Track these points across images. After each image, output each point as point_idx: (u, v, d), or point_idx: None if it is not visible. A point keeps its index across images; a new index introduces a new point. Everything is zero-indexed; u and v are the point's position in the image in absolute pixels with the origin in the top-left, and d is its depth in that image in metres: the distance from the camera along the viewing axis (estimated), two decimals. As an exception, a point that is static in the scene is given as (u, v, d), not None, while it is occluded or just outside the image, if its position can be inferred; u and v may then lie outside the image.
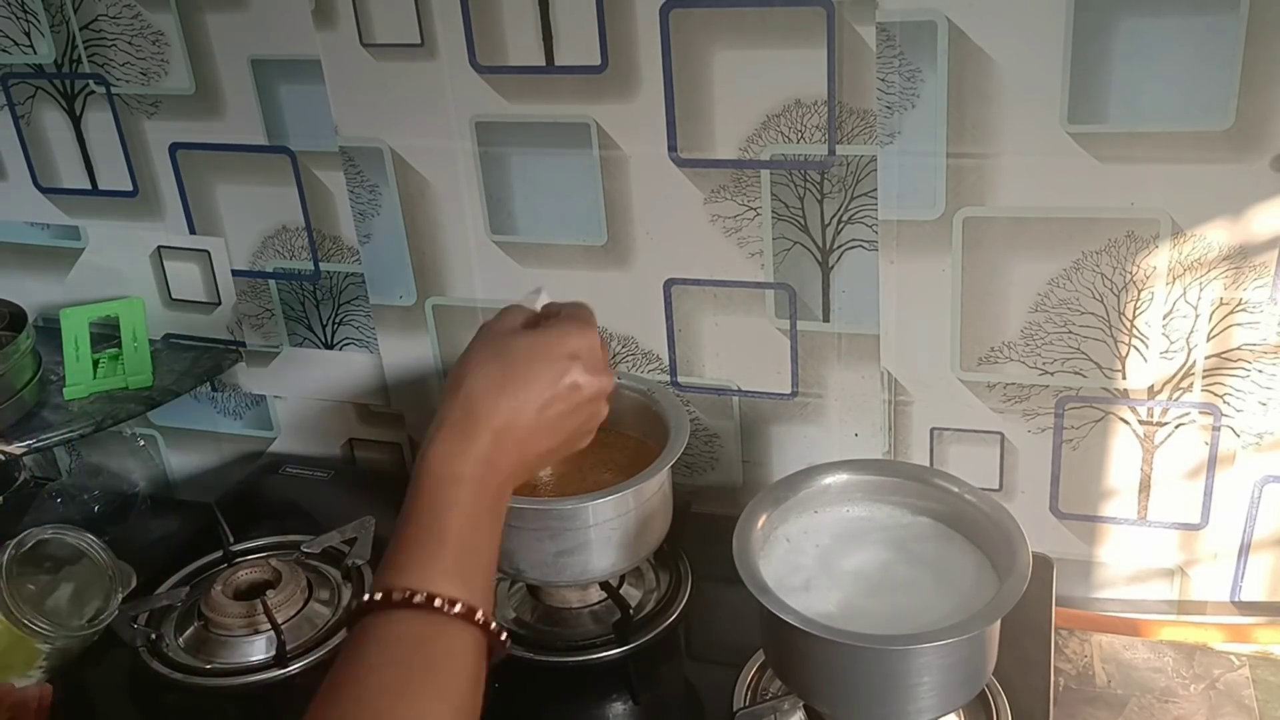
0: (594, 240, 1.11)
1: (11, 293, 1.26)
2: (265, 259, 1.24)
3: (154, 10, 1.14)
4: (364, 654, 0.65)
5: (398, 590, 0.66)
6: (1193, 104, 0.89)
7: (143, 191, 1.24)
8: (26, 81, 1.22)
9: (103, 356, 1.25)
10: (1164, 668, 1.02)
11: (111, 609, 1.02)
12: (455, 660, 0.66)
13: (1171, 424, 1.01)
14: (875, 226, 1.01)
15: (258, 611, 1.03)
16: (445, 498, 0.71)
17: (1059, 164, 0.94)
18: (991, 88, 0.93)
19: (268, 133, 1.16)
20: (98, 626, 1.01)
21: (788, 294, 1.07)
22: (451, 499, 0.71)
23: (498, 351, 0.76)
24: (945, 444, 1.09)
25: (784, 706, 0.89)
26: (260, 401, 1.34)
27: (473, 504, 0.71)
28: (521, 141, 1.08)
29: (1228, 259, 0.94)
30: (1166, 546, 1.07)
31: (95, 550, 1.04)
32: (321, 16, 1.09)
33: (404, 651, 0.65)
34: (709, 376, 1.14)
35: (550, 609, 1.06)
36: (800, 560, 0.90)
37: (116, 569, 1.04)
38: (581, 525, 0.96)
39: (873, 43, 0.95)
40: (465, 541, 0.70)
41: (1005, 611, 0.80)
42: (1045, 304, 1.00)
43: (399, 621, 0.65)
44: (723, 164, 1.03)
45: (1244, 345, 0.97)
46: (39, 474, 1.40)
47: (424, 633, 0.66)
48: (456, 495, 0.71)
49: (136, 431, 1.39)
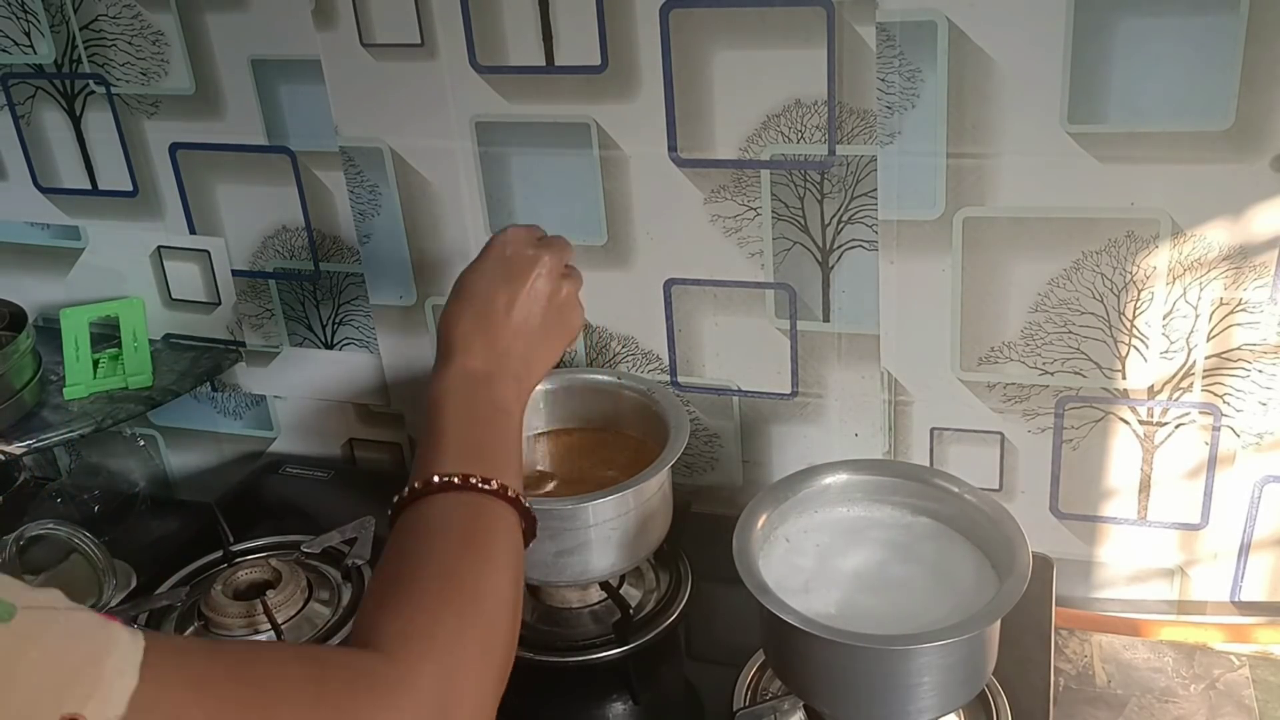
0: (594, 240, 1.11)
1: (11, 293, 1.26)
2: (265, 259, 1.24)
3: (154, 10, 1.14)
4: (419, 530, 0.69)
5: (440, 475, 0.71)
6: (1193, 104, 0.89)
7: (143, 191, 1.24)
8: (26, 81, 1.22)
9: (103, 356, 1.25)
10: (1164, 668, 1.02)
11: (104, 604, 1.01)
12: (501, 533, 0.71)
13: (1171, 424, 1.01)
14: (875, 226, 1.01)
15: (258, 611, 1.03)
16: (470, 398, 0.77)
17: (1059, 164, 0.94)
18: (991, 88, 0.93)
19: (268, 133, 1.16)
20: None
21: (788, 294, 1.07)
22: (474, 397, 0.77)
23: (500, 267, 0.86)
24: (945, 444, 1.09)
25: (784, 706, 0.89)
26: (260, 401, 1.34)
27: (492, 398, 0.78)
28: (521, 141, 1.08)
29: (1228, 259, 0.94)
30: (1166, 546, 1.07)
31: (89, 546, 1.04)
32: (321, 16, 1.09)
33: (456, 523, 0.70)
34: (709, 376, 1.14)
35: (550, 609, 1.06)
36: (800, 560, 0.90)
37: (110, 565, 1.04)
38: (581, 525, 0.96)
39: (873, 43, 0.95)
40: (491, 433, 0.76)
41: (1005, 611, 0.80)
42: (1045, 304, 1.00)
43: (443, 502, 0.70)
44: (723, 164, 1.03)
45: (1244, 345, 0.97)
46: (39, 474, 1.40)
47: (469, 510, 0.71)
48: (479, 393, 0.78)
49: (136, 431, 1.39)
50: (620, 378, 1.10)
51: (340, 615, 1.07)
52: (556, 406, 1.11)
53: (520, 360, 0.82)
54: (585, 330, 1.16)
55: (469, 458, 0.73)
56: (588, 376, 1.12)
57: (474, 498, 0.71)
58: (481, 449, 0.75)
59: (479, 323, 0.82)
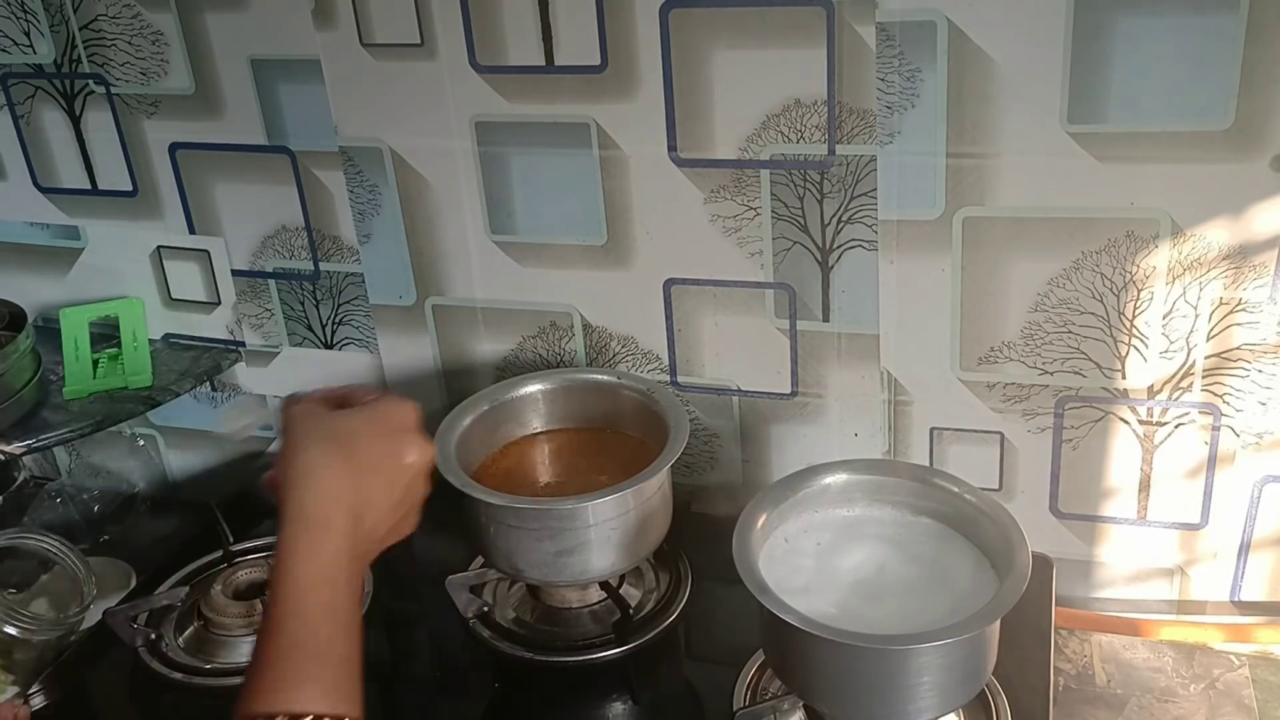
0: (594, 240, 1.11)
1: (11, 293, 1.26)
2: (265, 259, 1.24)
3: (154, 10, 1.14)
4: None
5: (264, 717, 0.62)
6: (1193, 104, 0.89)
7: (142, 191, 1.24)
8: (26, 81, 1.22)
9: (102, 356, 1.25)
10: (1164, 668, 1.02)
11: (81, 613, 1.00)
12: None
13: (1171, 424, 1.01)
14: (875, 226, 1.01)
15: (257, 611, 1.03)
16: (312, 603, 0.67)
17: (1059, 164, 0.94)
18: (991, 88, 0.93)
19: (268, 133, 1.16)
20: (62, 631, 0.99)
21: (788, 294, 1.07)
22: (319, 603, 0.67)
23: (332, 434, 0.74)
24: (945, 444, 1.09)
25: (784, 706, 0.89)
26: (261, 401, 1.34)
27: (343, 604, 0.68)
28: (521, 141, 1.08)
29: (1228, 259, 0.94)
30: (1166, 546, 1.07)
31: (62, 555, 1.02)
32: (321, 16, 1.09)
33: None
34: (709, 376, 1.14)
35: (550, 609, 1.06)
36: (800, 560, 0.90)
37: (87, 571, 1.03)
38: (581, 525, 0.96)
39: (873, 43, 0.95)
40: (339, 649, 0.67)
41: (1005, 611, 0.80)
42: (1045, 304, 1.00)
43: None
44: (723, 164, 1.03)
45: (1244, 345, 0.97)
46: (39, 474, 1.40)
47: None
48: (324, 599, 0.67)
49: (136, 431, 1.39)
50: (620, 377, 1.10)
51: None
52: (556, 406, 1.11)
53: (370, 556, 0.74)
54: (586, 330, 1.16)
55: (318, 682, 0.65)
56: (587, 376, 1.12)
57: None
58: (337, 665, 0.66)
59: (366, 505, 0.73)
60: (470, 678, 1.04)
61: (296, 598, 0.67)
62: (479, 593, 1.06)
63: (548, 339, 1.18)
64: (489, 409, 1.08)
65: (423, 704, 1.02)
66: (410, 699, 1.04)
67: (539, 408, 1.11)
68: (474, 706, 1.01)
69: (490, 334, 1.20)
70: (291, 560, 0.68)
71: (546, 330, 1.17)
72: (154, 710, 1.03)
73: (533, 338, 1.18)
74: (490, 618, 1.05)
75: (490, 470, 1.07)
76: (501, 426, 1.09)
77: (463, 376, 1.23)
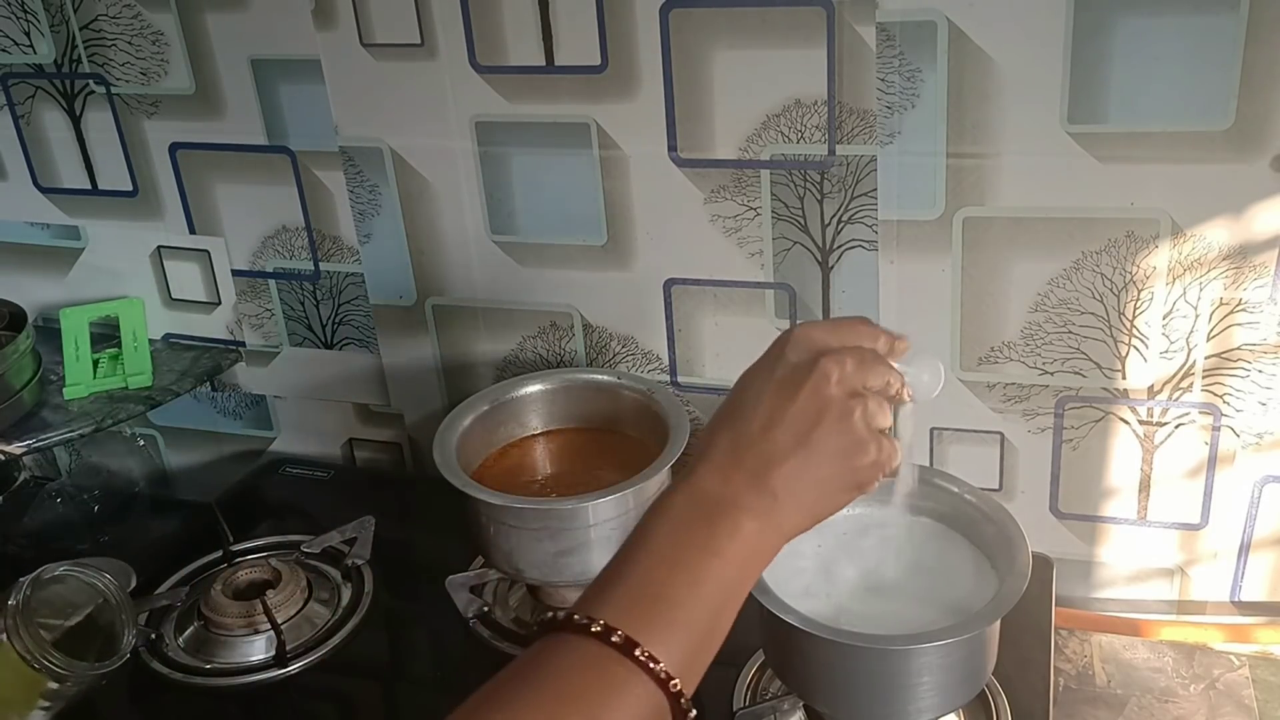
0: (594, 240, 1.11)
1: (11, 293, 1.26)
2: (265, 259, 1.24)
3: (154, 10, 1.14)
4: (528, 675, 0.57)
5: (587, 618, 0.57)
6: (1192, 104, 0.89)
7: (143, 191, 1.24)
8: (26, 81, 1.22)
9: (103, 356, 1.25)
10: (1164, 668, 1.02)
11: (124, 651, 0.98)
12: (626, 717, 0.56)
13: (1171, 424, 1.01)
14: (875, 226, 1.01)
15: (257, 611, 1.03)
16: (684, 528, 0.60)
17: (1059, 164, 0.94)
18: (991, 88, 0.93)
19: (268, 133, 1.16)
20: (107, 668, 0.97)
21: (788, 294, 1.07)
22: (690, 530, 0.60)
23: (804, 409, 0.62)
24: (945, 444, 1.09)
25: (784, 706, 0.89)
26: (260, 401, 1.34)
27: (710, 536, 0.60)
28: (521, 141, 1.08)
29: (1228, 259, 0.94)
30: (1166, 546, 1.07)
31: (111, 589, 1.00)
32: (321, 16, 1.09)
33: (570, 690, 0.56)
34: (709, 376, 1.14)
35: (550, 609, 1.06)
36: (800, 560, 0.90)
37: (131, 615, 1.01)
38: (581, 525, 0.96)
39: (873, 43, 0.95)
40: (686, 581, 0.59)
41: (1005, 611, 0.80)
42: (1045, 304, 1.00)
43: (574, 652, 0.57)
44: (723, 164, 1.03)
45: (1244, 345, 0.97)
46: (39, 474, 1.40)
47: (598, 677, 0.57)
48: (696, 527, 0.60)
49: (136, 431, 1.39)
50: (620, 378, 1.10)
51: (340, 615, 1.07)
52: (556, 406, 1.11)
53: (770, 495, 0.62)
54: (586, 330, 1.16)
55: (638, 609, 0.58)
56: (587, 376, 1.12)
57: (613, 664, 0.56)
58: (659, 602, 0.58)
59: (732, 436, 0.63)
60: (470, 678, 1.03)
61: (645, 518, 0.62)
62: (479, 593, 1.06)
63: (548, 339, 1.18)
64: (489, 409, 1.08)
65: (423, 704, 1.01)
66: (410, 699, 1.04)
67: (539, 408, 1.11)
68: (474, 706, 1.01)
69: (490, 334, 1.20)
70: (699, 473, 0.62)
71: (546, 330, 1.17)
72: (154, 710, 1.03)
73: (533, 338, 1.18)
74: (490, 618, 1.05)
75: (490, 470, 1.07)
76: (501, 426, 1.09)
77: (463, 376, 1.23)
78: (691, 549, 0.60)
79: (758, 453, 0.62)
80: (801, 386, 0.62)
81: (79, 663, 0.94)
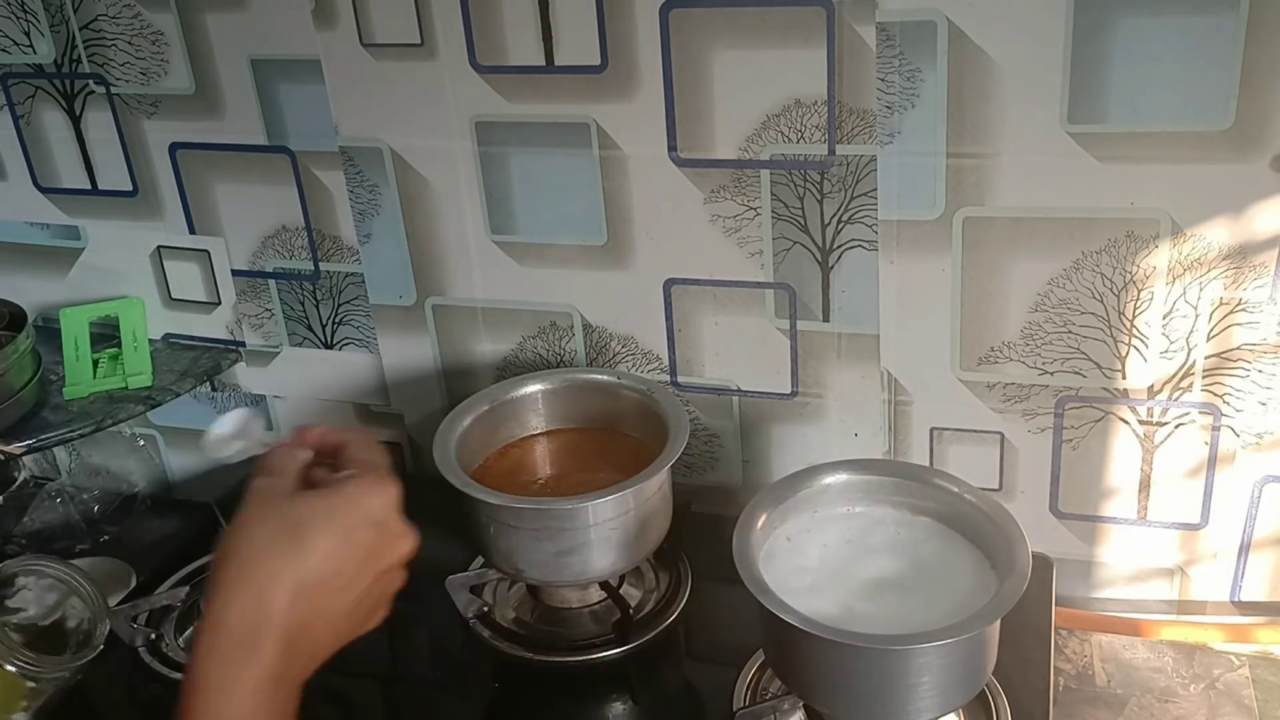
0: (594, 240, 1.11)
1: (11, 293, 1.26)
2: (265, 259, 1.24)
3: (154, 10, 1.14)
4: None
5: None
6: (1192, 104, 0.89)
7: (142, 191, 1.24)
8: (26, 81, 1.22)
9: (103, 356, 1.25)
10: (1164, 668, 1.02)
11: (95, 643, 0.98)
12: None
13: (1171, 424, 1.01)
14: (875, 226, 1.01)
15: (258, 611, 1.03)
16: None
17: (1059, 164, 0.94)
18: (991, 88, 0.93)
19: (268, 133, 1.16)
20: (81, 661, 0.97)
21: (788, 294, 1.07)
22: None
23: (283, 526, 0.64)
24: (945, 444, 1.09)
25: (784, 706, 0.89)
26: (260, 401, 1.34)
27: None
28: (521, 141, 1.08)
29: (1228, 259, 0.94)
30: (1166, 546, 1.07)
31: (78, 582, 1.00)
32: (321, 16, 1.09)
33: None
34: (709, 376, 1.14)
35: (550, 609, 1.06)
36: (800, 560, 0.90)
37: (100, 601, 1.01)
38: (581, 525, 0.96)
39: (873, 43, 0.95)
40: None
41: (1005, 611, 0.80)
42: (1045, 304, 1.00)
43: None
44: (723, 164, 1.03)
45: (1244, 345, 0.97)
46: (39, 474, 1.40)
47: None
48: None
49: (136, 431, 1.39)
50: (620, 377, 1.10)
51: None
52: (556, 406, 1.11)
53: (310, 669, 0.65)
54: (586, 330, 1.16)
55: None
56: (587, 376, 1.12)
57: None
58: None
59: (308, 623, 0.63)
60: (470, 678, 1.04)
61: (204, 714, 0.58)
62: (479, 593, 1.06)
63: (548, 339, 1.18)
64: (489, 409, 1.08)
65: (423, 704, 1.02)
66: (410, 699, 1.04)
67: (539, 408, 1.11)
68: (474, 706, 1.01)
69: (490, 334, 1.20)
70: (205, 688, 0.59)
71: (546, 330, 1.17)
72: (154, 710, 1.02)
73: (533, 338, 1.18)
74: (490, 618, 1.05)
75: (490, 470, 1.07)
76: (501, 426, 1.09)
77: (463, 376, 1.23)
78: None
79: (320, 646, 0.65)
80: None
81: (50, 658, 0.94)
